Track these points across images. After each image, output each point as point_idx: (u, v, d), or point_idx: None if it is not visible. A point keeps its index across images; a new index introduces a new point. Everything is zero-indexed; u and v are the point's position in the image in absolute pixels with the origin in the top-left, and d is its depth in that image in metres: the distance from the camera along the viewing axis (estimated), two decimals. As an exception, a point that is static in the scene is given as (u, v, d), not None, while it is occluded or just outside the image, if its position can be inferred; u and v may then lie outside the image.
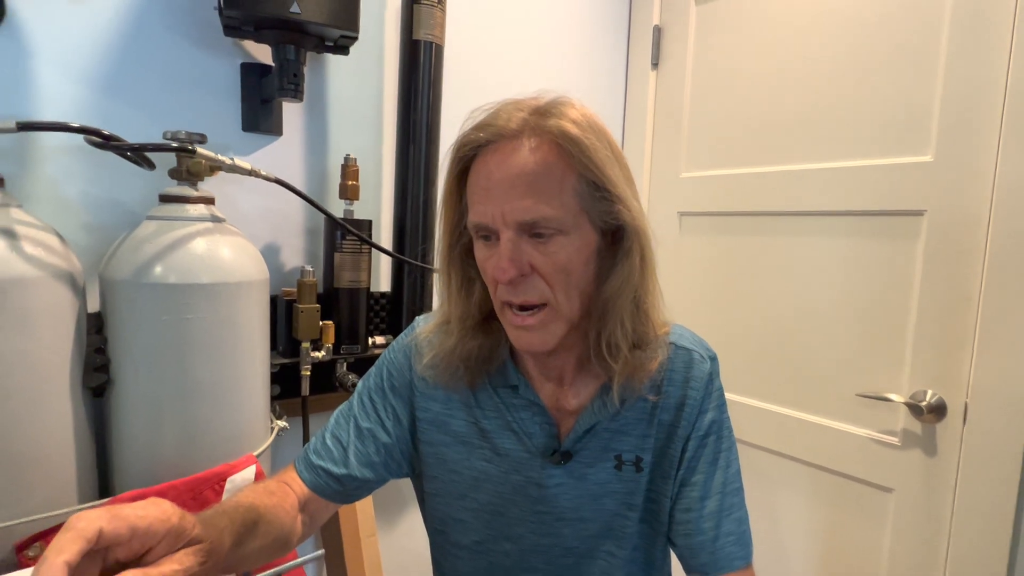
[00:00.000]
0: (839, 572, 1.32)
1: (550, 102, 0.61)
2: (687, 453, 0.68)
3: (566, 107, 0.60)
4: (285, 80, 0.96)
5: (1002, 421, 1.06)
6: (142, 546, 0.43)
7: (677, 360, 0.69)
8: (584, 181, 0.58)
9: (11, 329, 0.70)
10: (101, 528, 0.40)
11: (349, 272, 1.11)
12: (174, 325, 0.81)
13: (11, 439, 0.71)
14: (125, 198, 0.97)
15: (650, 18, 1.63)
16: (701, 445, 0.68)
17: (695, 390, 0.68)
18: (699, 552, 0.66)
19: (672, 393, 0.68)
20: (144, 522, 0.42)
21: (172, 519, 0.44)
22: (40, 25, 0.88)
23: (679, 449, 0.68)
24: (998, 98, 1.06)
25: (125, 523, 0.41)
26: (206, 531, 0.48)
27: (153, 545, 0.43)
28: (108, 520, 0.40)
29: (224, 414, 0.87)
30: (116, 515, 0.41)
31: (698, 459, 0.68)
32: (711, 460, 0.68)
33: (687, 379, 0.68)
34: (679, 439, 0.68)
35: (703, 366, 0.69)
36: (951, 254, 1.13)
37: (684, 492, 0.68)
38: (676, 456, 0.68)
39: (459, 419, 0.70)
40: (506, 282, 0.58)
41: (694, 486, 0.67)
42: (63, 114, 0.91)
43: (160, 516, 0.43)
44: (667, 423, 0.68)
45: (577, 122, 0.58)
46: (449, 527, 0.73)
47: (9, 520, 0.71)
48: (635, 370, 0.63)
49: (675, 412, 0.68)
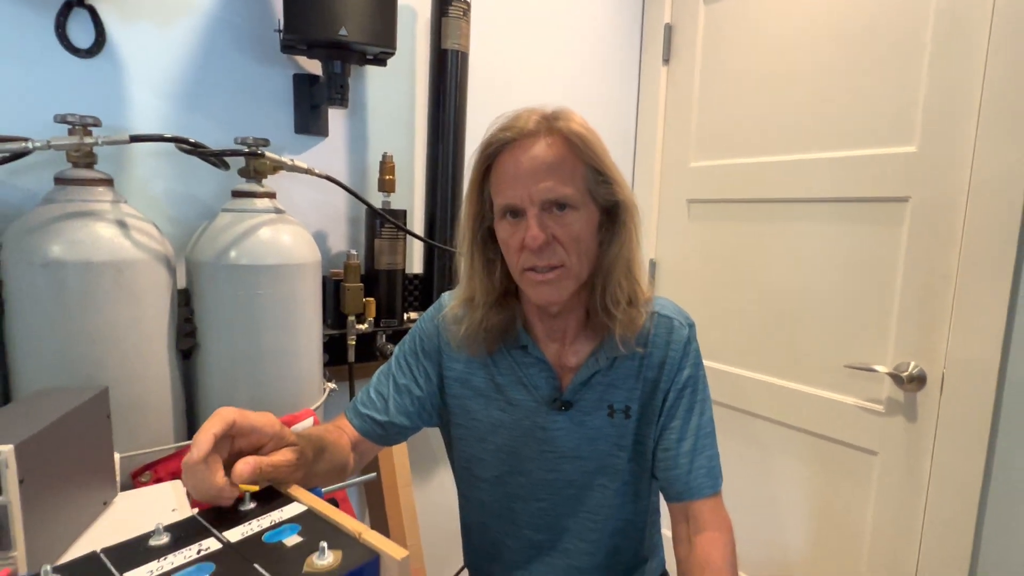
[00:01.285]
0: (829, 528, 1.44)
1: (556, 110, 0.76)
2: (667, 403, 0.82)
3: (570, 113, 0.76)
4: (332, 90, 1.12)
5: (974, 390, 1.17)
6: (258, 440, 0.60)
7: (660, 326, 0.83)
8: (589, 168, 0.74)
9: (126, 302, 0.88)
10: (235, 419, 0.58)
11: (387, 255, 1.27)
12: (247, 300, 0.99)
13: (129, 390, 0.89)
14: (200, 193, 1.15)
15: (661, 16, 1.74)
16: (679, 396, 0.82)
17: (675, 351, 0.82)
18: (676, 483, 0.80)
19: (656, 354, 0.82)
20: (260, 422, 0.60)
21: (276, 426, 0.62)
22: (132, 50, 1.05)
23: (660, 400, 0.82)
24: (975, 94, 1.15)
25: (248, 421, 0.59)
26: (299, 440, 0.65)
27: (265, 443, 0.61)
28: (239, 416, 0.58)
29: (287, 374, 1.04)
30: (243, 414, 0.59)
31: (676, 408, 0.82)
32: (687, 408, 0.82)
33: (668, 342, 0.82)
34: (660, 391, 0.82)
35: (682, 331, 0.83)
36: (932, 237, 1.23)
37: (664, 435, 0.82)
38: (658, 406, 0.82)
39: (478, 376, 0.86)
40: (536, 248, 0.72)
41: (672, 430, 0.81)
42: (150, 124, 1.08)
43: (270, 422, 0.61)
44: (651, 379, 0.82)
45: (581, 124, 0.75)
46: (473, 464, 0.89)
47: (127, 452, 0.89)
48: (629, 322, 0.78)
49: (658, 370, 0.82)
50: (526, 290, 0.78)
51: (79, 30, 1.00)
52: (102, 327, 0.86)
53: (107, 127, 1.02)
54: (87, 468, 0.68)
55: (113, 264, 0.86)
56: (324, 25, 1.03)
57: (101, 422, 0.72)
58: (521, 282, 0.78)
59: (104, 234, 0.86)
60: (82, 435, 0.67)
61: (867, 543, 1.36)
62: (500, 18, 1.50)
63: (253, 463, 0.56)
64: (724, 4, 1.60)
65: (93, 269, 0.84)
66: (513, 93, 1.53)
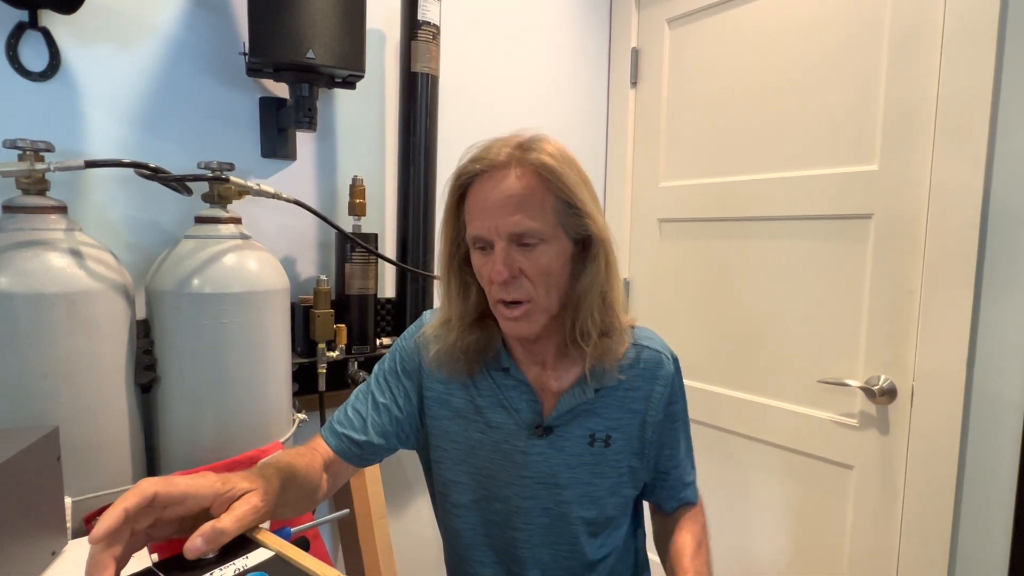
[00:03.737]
0: (808, 544, 1.44)
1: (530, 138, 0.75)
2: (653, 436, 0.84)
3: (543, 143, 0.74)
4: (300, 114, 1.10)
5: (942, 401, 1.19)
6: (195, 506, 0.54)
7: (649, 360, 0.83)
8: (560, 201, 0.72)
9: (81, 334, 0.83)
10: (157, 491, 0.51)
11: (359, 280, 1.25)
12: (211, 329, 0.95)
13: (82, 428, 0.84)
14: (161, 220, 1.11)
15: (628, 41, 1.78)
16: (670, 429, 0.86)
17: (662, 386, 0.83)
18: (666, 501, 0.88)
19: (642, 387, 0.83)
20: (193, 488, 0.54)
21: (216, 485, 0.56)
22: (89, 73, 1.02)
23: (647, 433, 0.83)
24: (931, 113, 1.20)
25: (177, 488, 0.53)
26: (253, 482, 0.59)
27: (206, 506, 0.55)
28: (163, 485, 0.52)
29: (254, 406, 1.00)
30: (170, 482, 0.53)
31: (669, 437, 0.86)
32: (676, 440, 0.87)
33: (655, 376, 0.83)
34: (648, 425, 0.83)
35: (669, 366, 0.85)
36: (895, 253, 1.26)
37: (657, 462, 0.86)
38: (644, 438, 0.83)
39: (458, 397, 0.84)
40: (500, 282, 0.72)
41: (668, 458, 0.86)
42: (109, 149, 1.05)
43: (207, 484, 0.55)
44: (637, 411, 0.83)
45: (553, 155, 0.73)
46: (449, 489, 0.86)
47: (79, 496, 0.84)
48: (604, 353, 0.77)
49: (644, 403, 0.83)
50: (499, 321, 0.78)
51: (32, 53, 0.97)
52: (54, 362, 0.81)
53: (62, 152, 0.98)
54: (34, 515, 0.63)
55: (66, 295, 0.81)
56: (291, 48, 1.01)
57: (50, 464, 0.67)
58: (495, 311, 0.77)
59: (56, 264, 0.82)
60: (28, 480, 0.62)
61: (846, 556, 1.37)
62: (470, 43, 1.50)
63: (208, 534, 0.50)
64: (689, 28, 1.64)
65: (44, 301, 0.80)
66: (483, 117, 1.54)
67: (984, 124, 1.12)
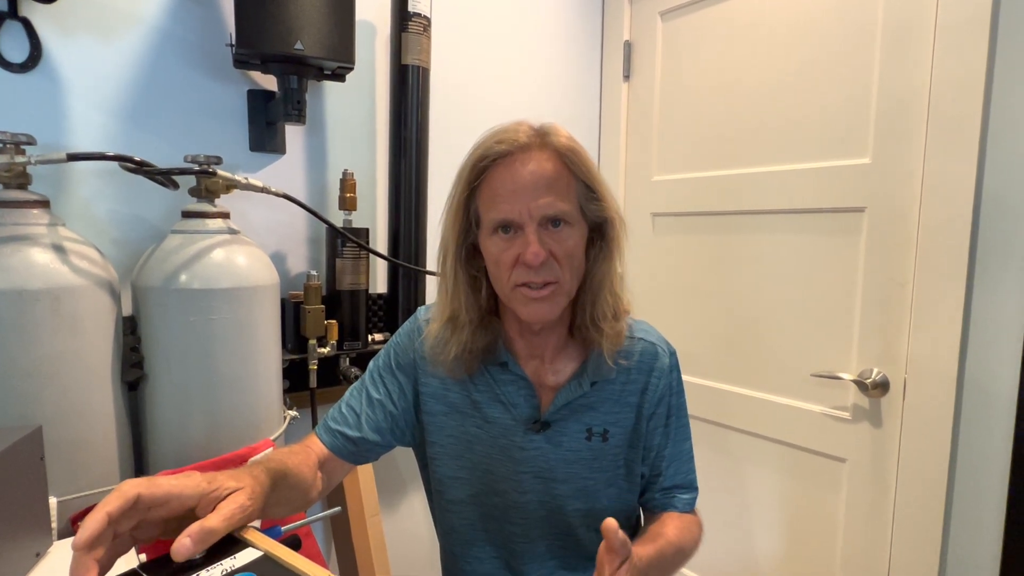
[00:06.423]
0: (801, 537, 1.45)
1: (543, 125, 0.75)
2: (654, 429, 0.83)
3: (557, 128, 0.75)
4: (289, 107, 1.08)
5: (935, 393, 1.19)
6: (181, 506, 0.52)
7: (645, 352, 0.83)
8: (581, 184, 0.74)
9: (65, 331, 0.82)
10: (140, 493, 0.49)
11: (350, 276, 1.23)
12: (199, 325, 0.93)
13: (67, 427, 0.82)
14: (148, 214, 1.09)
15: (621, 34, 1.76)
16: (667, 424, 0.84)
17: (658, 379, 0.83)
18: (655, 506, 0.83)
19: (638, 380, 0.82)
20: (178, 488, 0.52)
21: (202, 485, 0.54)
22: (71, 64, 1.00)
23: (645, 426, 0.82)
24: (923, 107, 1.20)
25: (161, 489, 0.51)
26: (241, 480, 0.57)
27: (192, 506, 0.53)
28: (146, 487, 0.50)
29: (244, 403, 0.99)
30: (153, 483, 0.51)
31: (664, 433, 0.84)
32: (673, 434, 0.85)
33: (651, 369, 0.82)
34: (644, 418, 0.82)
35: (665, 359, 0.84)
36: (888, 246, 1.26)
37: (651, 458, 0.84)
38: (643, 431, 0.83)
39: (455, 392, 0.83)
40: (537, 264, 0.71)
41: (661, 455, 0.84)
42: (93, 142, 1.02)
43: (192, 484, 0.53)
44: (633, 404, 0.82)
45: (570, 139, 0.74)
46: (445, 486, 0.85)
47: (65, 496, 0.82)
48: (615, 336, 0.77)
49: (639, 396, 0.82)
50: (516, 307, 0.76)
51: (12, 44, 0.94)
52: (37, 360, 0.80)
53: (44, 145, 0.96)
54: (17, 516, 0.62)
55: (49, 292, 0.80)
56: (278, 39, 0.99)
57: (33, 464, 0.66)
58: (511, 298, 0.75)
59: (39, 260, 0.80)
60: (11, 480, 0.61)
61: (839, 548, 1.37)
62: (462, 35, 1.49)
63: (196, 535, 0.49)
64: (681, 21, 1.63)
65: (26, 297, 0.78)
66: (475, 110, 1.52)
67: (976, 117, 1.12)
